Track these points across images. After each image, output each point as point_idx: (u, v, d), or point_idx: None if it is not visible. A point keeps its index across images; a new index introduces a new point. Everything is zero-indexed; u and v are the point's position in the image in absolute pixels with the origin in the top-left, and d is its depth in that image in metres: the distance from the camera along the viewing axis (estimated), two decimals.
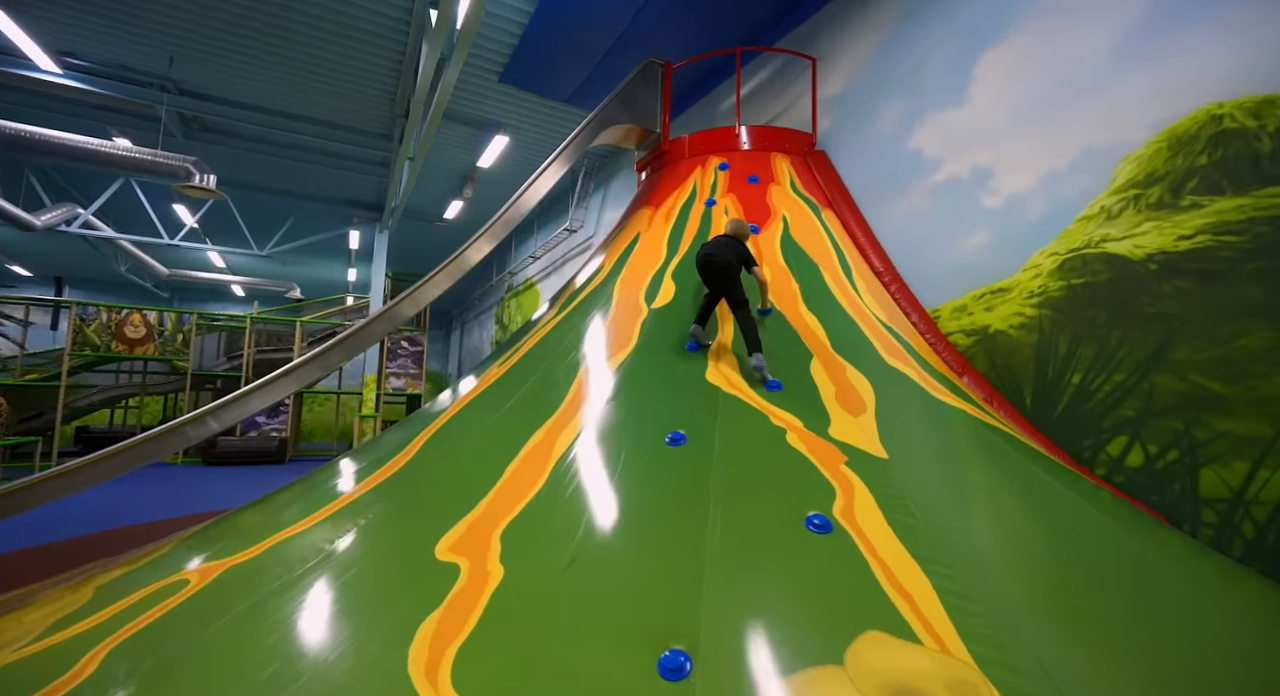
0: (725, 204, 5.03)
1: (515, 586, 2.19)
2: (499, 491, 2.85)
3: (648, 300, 4.32)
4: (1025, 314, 3.81)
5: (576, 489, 2.74)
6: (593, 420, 3.27)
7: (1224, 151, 3.02)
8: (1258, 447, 2.81)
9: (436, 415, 4.18)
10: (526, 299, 14.10)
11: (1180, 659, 1.90)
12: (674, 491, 2.62)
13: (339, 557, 2.65)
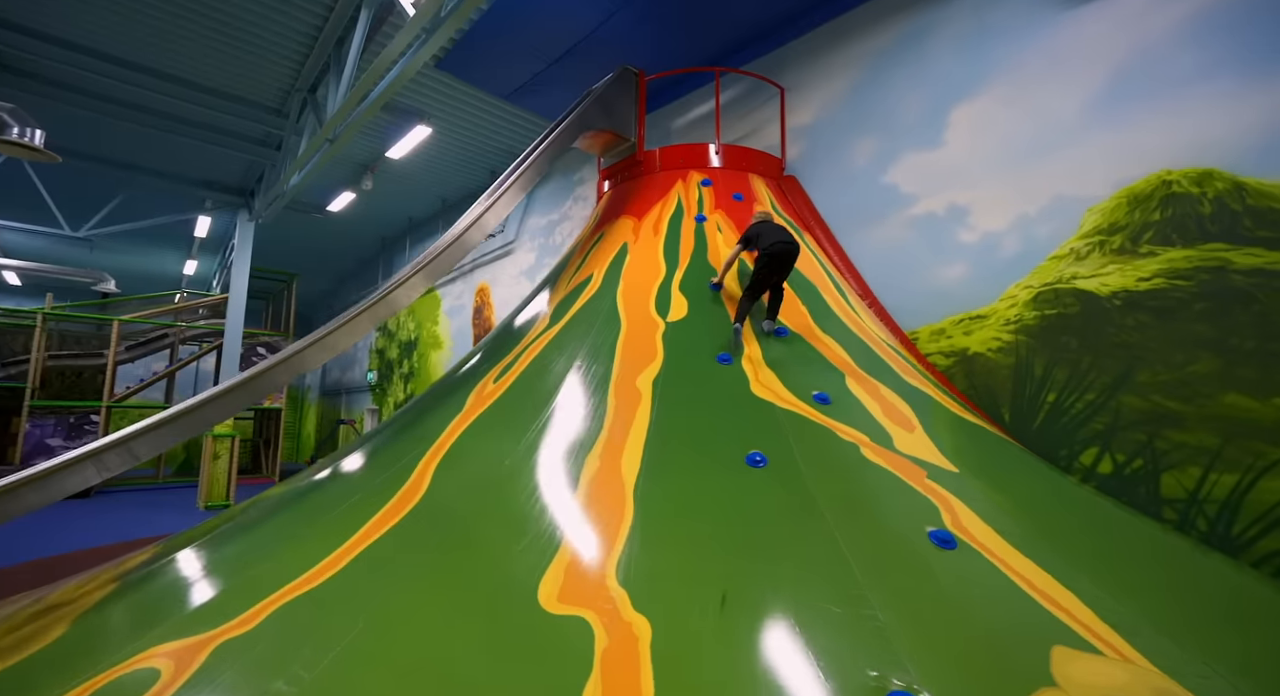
0: (716, 221, 5.04)
1: (674, 637, 1.94)
2: (581, 529, 2.52)
3: (660, 314, 4.17)
4: (1003, 339, 4.27)
5: (676, 518, 2.52)
6: (654, 441, 3.04)
7: (1173, 211, 3.66)
8: (1207, 456, 3.40)
9: (423, 437, 3.63)
10: (421, 304, 12.99)
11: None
12: (787, 515, 2.52)
13: (398, 619, 2.16)
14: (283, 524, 3.24)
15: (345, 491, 3.39)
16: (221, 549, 3.16)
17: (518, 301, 9.73)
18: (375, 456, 3.79)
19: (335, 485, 3.56)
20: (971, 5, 4.70)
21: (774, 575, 2.21)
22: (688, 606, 2.07)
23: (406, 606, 2.25)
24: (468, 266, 11.36)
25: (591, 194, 8.67)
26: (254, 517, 3.47)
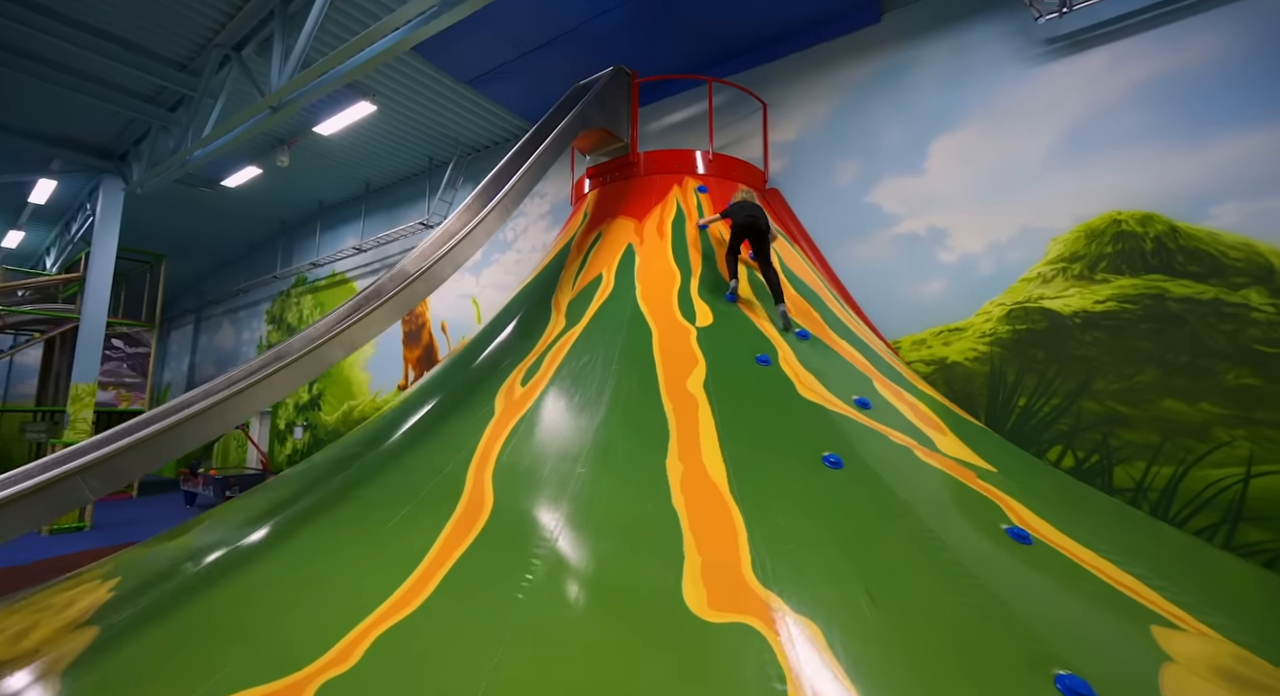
0: (719, 229, 5.15)
1: (848, 637, 1.99)
2: (698, 532, 2.49)
3: (688, 319, 4.19)
4: (979, 350, 4.80)
5: (785, 517, 2.57)
6: (728, 443, 3.06)
7: (1122, 245, 4.35)
8: (1150, 451, 4.08)
9: (459, 445, 3.35)
10: (331, 296, 11.84)
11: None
12: (883, 512, 2.66)
13: (546, 646, 2.01)
14: (320, 535, 2.84)
15: (384, 501, 3.03)
16: (254, 565, 2.70)
17: (460, 296, 9.26)
18: (400, 463, 3.43)
19: (364, 492, 3.18)
20: (951, 49, 5.24)
21: (899, 570, 2.34)
22: (842, 605, 2.13)
23: (546, 630, 2.08)
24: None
25: (550, 190, 8.44)
26: (273, 525, 3.01)
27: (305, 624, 2.23)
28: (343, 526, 2.90)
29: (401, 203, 10.58)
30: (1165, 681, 1.91)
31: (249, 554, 2.84)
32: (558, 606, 2.20)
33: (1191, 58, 4.25)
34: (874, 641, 2.00)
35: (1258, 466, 3.77)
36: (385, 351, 10.41)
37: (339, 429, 10.94)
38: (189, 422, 2.88)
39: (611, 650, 2.00)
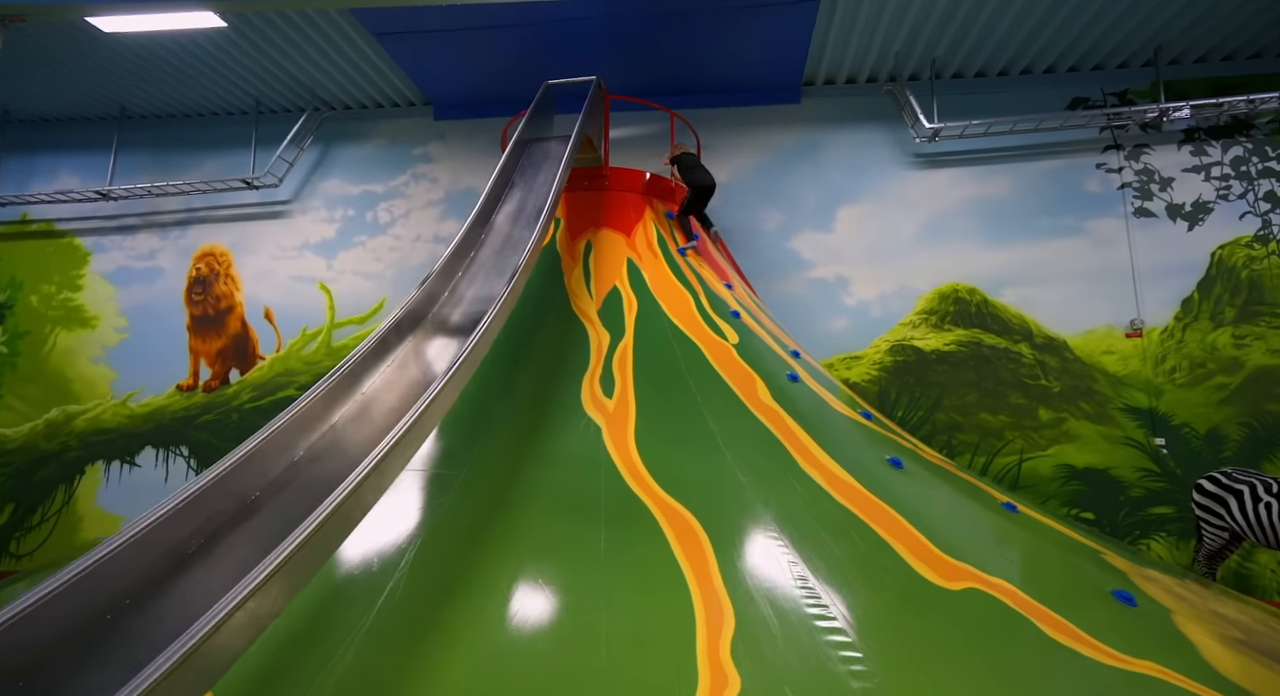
0: (692, 257, 5.66)
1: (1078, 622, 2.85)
2: (879, 520, 3.07)
3: (719, 336, 4.63)
4: (871, 373, 6.38)
5: (926, 512, 3.32)
6: (832, 452, 3.68)
7: (958, 307, 6.39)
8: (973, 448, 6.10)
9: (592, 461, 3.20)
10: (27, 257, 8.17)
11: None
12: (972, 500, 3.63)
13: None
14: (569, 577, 2.46)
15: (561, 526, 2.75)
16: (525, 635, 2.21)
17: (297, 279, 7.51)
18: (526, 482, 3.06)
19: (529, 520, 2.79)
20: (853, 141, 6.83)
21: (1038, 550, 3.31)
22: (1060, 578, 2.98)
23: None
24: (175, 216, 7.94)
25: (442, 175, 7.61)
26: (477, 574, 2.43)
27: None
28: (559, 557, 2.57)
29: (187, 146, 8.04)
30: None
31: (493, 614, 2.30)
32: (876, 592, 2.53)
33: (992, 190, 6.55)
34: (1092, 606, 2.90)
35: (1026, 454, 6.03)
36: (145, 338, 7.74)
37: (31, 446, 7.63)
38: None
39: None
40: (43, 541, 7.39)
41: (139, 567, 1.73)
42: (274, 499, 2.21)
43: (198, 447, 7.45)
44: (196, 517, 1.94)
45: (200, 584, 1.80)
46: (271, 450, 2.32)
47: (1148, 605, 3.00)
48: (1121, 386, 6.02)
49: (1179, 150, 6.27)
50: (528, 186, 4.76)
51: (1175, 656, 2.53)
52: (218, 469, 2.08)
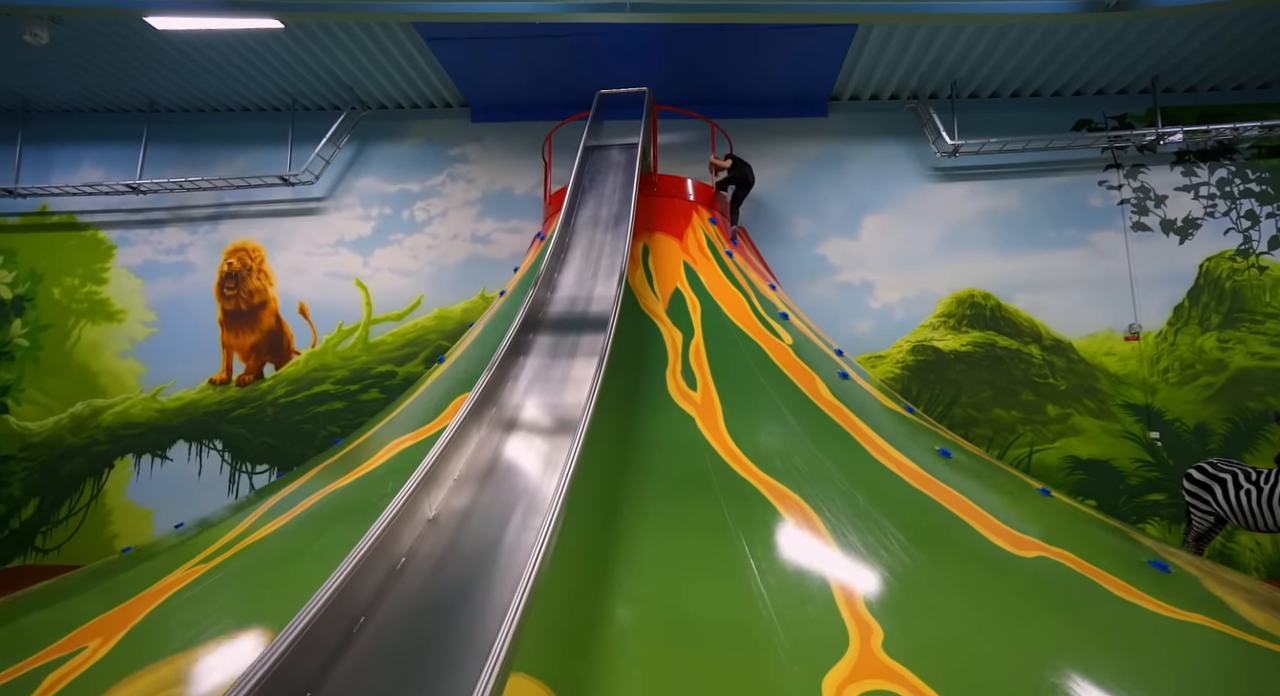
0: (739, 259, 6.01)
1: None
2: (940, 497, 3.46)
3: (776, 336, 4.99)
4: (894, 372, 6.83)
5: (992, 490, 3.73)
6: (896, 443, 4.06)
7: (974, 311, 6.88)
8: (987, 442, 6.60)
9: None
10: (37, 243, 8.06)
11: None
12: (1016, 487, 4.06)
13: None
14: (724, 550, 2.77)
15: (685, 507, 3.06)
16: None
17: (332, 275, 7.60)
18: (644, 463, 3.36)
19: (645, 503, 3.09)
20: (877, 154, 7.28)
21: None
22: (1106, 549, 3.40)
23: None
24: (204, 211, 7.96)
25: (479, 176, 7.80)
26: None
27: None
28: (693, 528, 2.88)
29: (218, 141, 8.05)
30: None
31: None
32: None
33: (1004, 203, 7.07)
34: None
35: (1036, 446, 6.55)
36: (176, 332, 7.74)
37: (56, 440, 7.58)
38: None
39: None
40: (71, 535, 7.35)
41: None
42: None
43: (232, 441, 7.50)
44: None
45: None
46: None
47: (1180, 573, 3.45)
48: (1121, 385, 6.60)
49: (1171, 170, 6.89)
50: (598, 192, 5.04)
51: (1216, 611, 2.97)
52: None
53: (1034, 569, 3.02)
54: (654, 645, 2.26)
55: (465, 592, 2.20)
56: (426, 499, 2.35)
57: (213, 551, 3.31)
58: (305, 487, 3.91)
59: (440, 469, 2.46)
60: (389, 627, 1.98)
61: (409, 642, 2.02)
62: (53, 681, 2.37)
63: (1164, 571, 3.36)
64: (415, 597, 2.10)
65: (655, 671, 2.16)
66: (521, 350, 3.14)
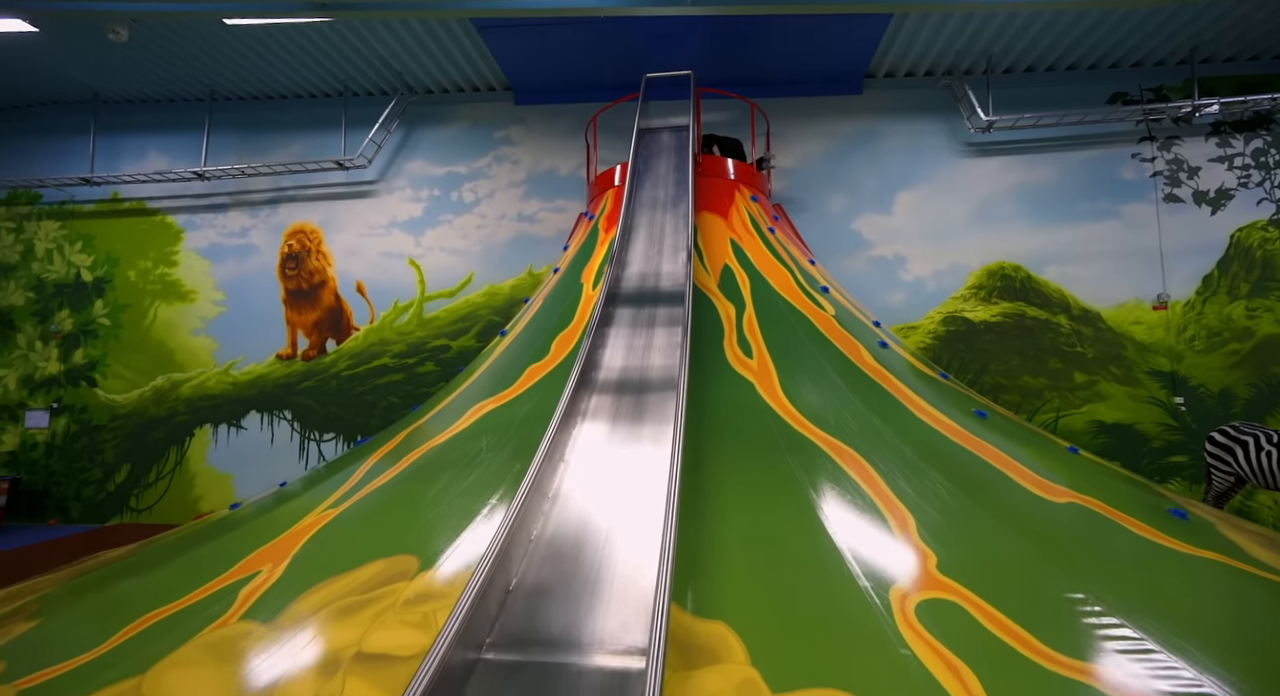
0: (780, 236, 6.32)
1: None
2: (976, 448, 3.84)
3: (820, 308, 5.34)
4: (926, 342, 7.14)
5: (1035, 446, 4.10)
6: (929, 403, 4.43)
7: (1004, 283, 7.14)
8: (1016, 407, 6.92)
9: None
10: (122, 233, 8.58)
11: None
12: (1047, 445, 4.41)
13: None
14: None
15: (751, 462, 3.48)
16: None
17: (387, 255, 8.04)
18: (710, 423, 3.76)
19: (724, 458, 3.51)
20: (910, 130, 7.46)
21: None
22: (1129, 498, 3.77)
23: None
24: (264, 195, 8.40)
25: (524, 158, 8.12)
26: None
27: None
28: (769, 476, 3.30)
29: (274, 127, 8.45)
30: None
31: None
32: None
33: (1037, 177, 7.25)
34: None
35: (1062, 412, 6.86)
36: (243, 311, 8.27)
37: (141, 411, 8.21)
38: None
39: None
40: (160, 497, 8.03)
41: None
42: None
43: (300, 411, 8.07)
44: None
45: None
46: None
47: (1198, 520, 3.81)
48: (1147, 352, 6.85)
49: (1206, 142, 7.00)
50: (653, 175, 5.37)
51: (1229, 550, 3.34)
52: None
53: (1065, 512, 3.40)
54: (745, 566, 2.69)
55: (606, 522, 2.66)
56: (564, 445, 2.81)
57: (337, 498, 3.81)
58: (402, 446, 4.40)
59: (568, 420, 2.93)
60: (557, 539, 2.44)
61: (573, 548, 2.52)
62: (247, 594, 2.89)
63: (1182, 518, 3.72)
64: (574, 520, 2.56)
65: (749, 586, 2.59)
66: (607, 322, 3.53)
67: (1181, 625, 2.54)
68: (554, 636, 2.16)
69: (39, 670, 2.66)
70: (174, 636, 2.69)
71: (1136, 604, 2.67)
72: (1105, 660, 2.30)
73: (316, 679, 2.29)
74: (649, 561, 2.35)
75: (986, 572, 2.73)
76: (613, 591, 2.27)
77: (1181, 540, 3.30)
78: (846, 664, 2.26)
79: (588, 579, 2.35)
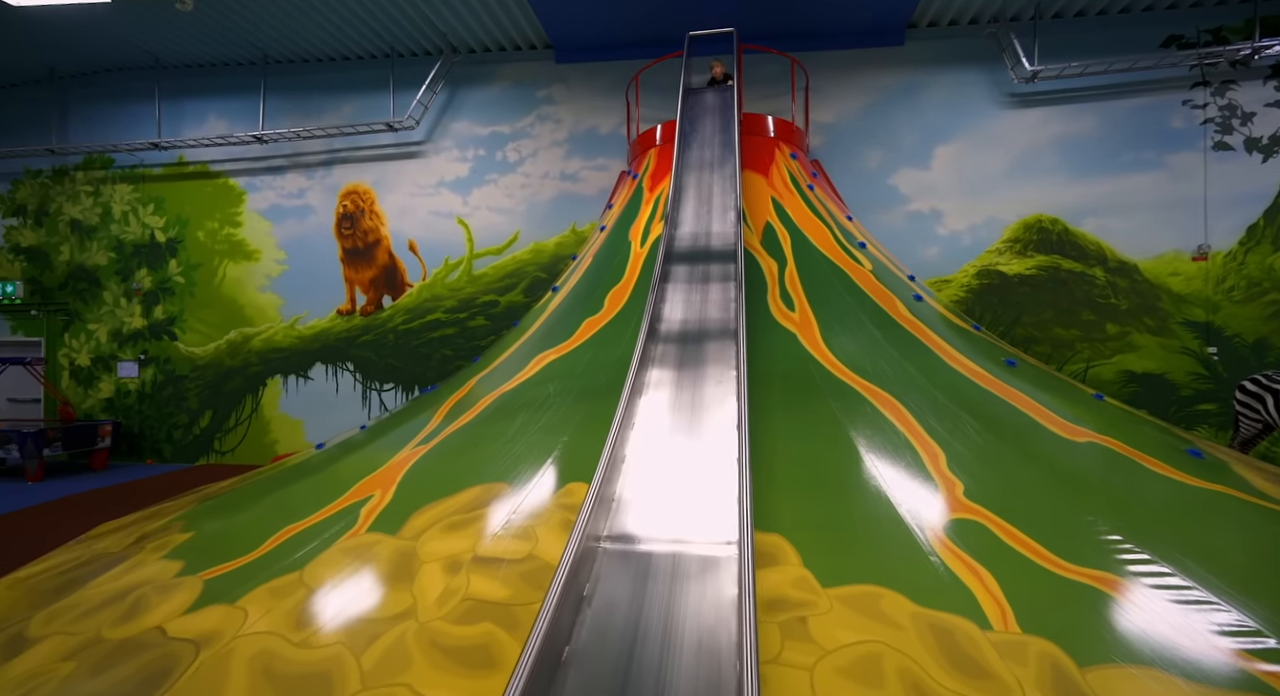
0: (819, 192, 6.48)
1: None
2: (1003, 392, 4.15)
3: (857, 262, 5.58)
4: (959, 295, 7.32)
5: (1060, 394, 4.39)
6: (960, 352, 4.71)
7: (1040, 236, 7.21)
8: (1046, 357, 7.12)
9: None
10: (187, 195, 9.09)
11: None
12: (1073, 392, 4.69)
13: None
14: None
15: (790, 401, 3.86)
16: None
17: (436, 214, 8.42)
18: (756, 369, 4.14)
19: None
20: (951, 82, 7.40)
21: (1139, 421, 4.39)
22: (1149, 439, 4.07)
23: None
24: (318, 157, 8.77)
25: (566, 116, 8.29)
26: None
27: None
28: (813, 417, 3.69)
29: (325, 90, 8.73)
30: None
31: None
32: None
33: (1080, 128, 7.18)
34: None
35: (1092, 362, 7.05)
36: (304, 269, 8.80)
37: (218, 363, 8.92)
38: None
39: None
40: (240, 440, 8.83)
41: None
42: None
43: (361, 363, 8.68)
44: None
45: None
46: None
47: (1212, 459, 4.10)
48: (1183, 304, 6.93)
49: (1265, 85, 6.81)
50: (700, 136, 5.57)
51: (1237, 484, 3.65)
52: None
53: (1084, 450, 3.73)
54: (794, 489, 3.12)
55: (686, 449, 3.11)
56: (641, 383, 3.25)
57: (425, 435, 4.34)
58: (474, 392, 4.89)
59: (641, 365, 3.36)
60: (647, 462, 2.90)
61: (661, 469, 3.01)
62: (367, 512, 3.44)
63: (1198, 458, 4.02)
64: (659, 448, 3.01)
65: (798, 505, 3.03)
66: (665, 278, 3.88)
67: (1184, 545, 2.90)
68: (653, 535, 2.65)
69: (210, 568, 3.26)
70: (316, 544, 3.26)
71: (1144, 526, 3.03)
72: (1110, 568, 2.68)
73: (444, 575, 2.82)
74: (725, 478, 2.80)
75: (1008, 499, 3.11)
76: (697, 501, 2.73)
77: (1194, 474, 3.62)
78: (883, 567, 2.69)
79: (676, 493, 2.80)
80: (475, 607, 2.58)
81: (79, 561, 3.90)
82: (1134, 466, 3.61)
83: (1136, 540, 2.87)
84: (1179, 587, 2.57)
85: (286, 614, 2.72)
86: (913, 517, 2.94)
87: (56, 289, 9.29)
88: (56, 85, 9.17)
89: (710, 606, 2.18)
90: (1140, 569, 2.70)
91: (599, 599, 2.16)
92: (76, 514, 5.68)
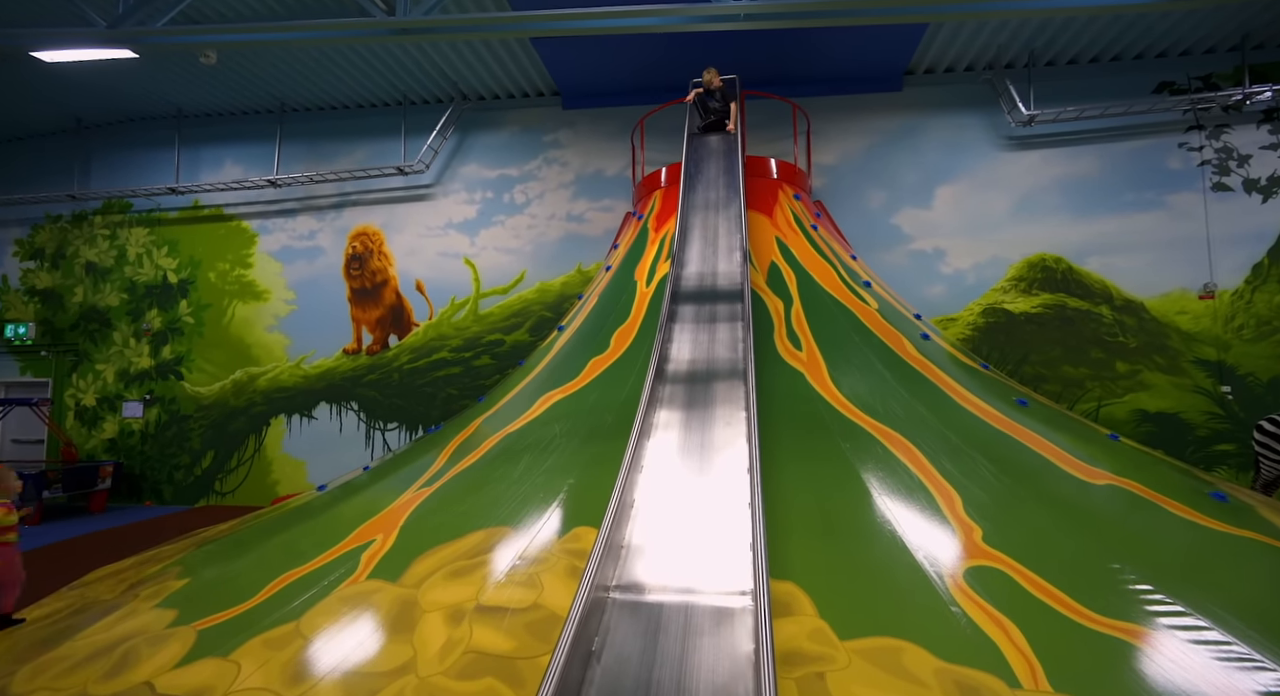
0: (823, 232, 6.55)
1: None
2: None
3: (863, 302, 5.58)
4: (965, 334, 7.30)
5: (1074, 431, 4.31)
6: (971, 392, 4.66)
7: (1045, 274, 7.23)
8: (1056, 396, 7.03)
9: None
10: (198, 237, 9.27)
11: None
12: (1089, 434, 4.61)
13: None
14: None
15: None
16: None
17: (444, 255, 8.53)
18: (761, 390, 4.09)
19: None
20: (951, 125, 7.58)
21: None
22: (1170, 482, 3.97)
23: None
24: (329, 199, 8.97)
25: (572, 160, 8.50)
26: None
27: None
28: (824, 458, 3.62)
29: (338, 136, 8.99)
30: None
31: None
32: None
33: (1080, 169, 7.30)
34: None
35: (1104, 401, 6.96)
36: (312, 309, 8.87)
37: (222, 402, 8.90)
38: None
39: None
40: (242, 481, 8.73)
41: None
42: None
43: (365, 403, 8.65)
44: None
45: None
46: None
47: (1237, 502, 3.98)
48: (1193, 342, 6.88)
49: (1258, 129, 6.95)
50: (705, 178, 5.67)
51: (1265, 530, 3.53)
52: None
53: (1103, 493, 3.63)
54: (807, 535, 3.03)
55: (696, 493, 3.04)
56: (649, 425, 3.20)
57: (429, 477, 4.27)
58: (480, 432, 4.84)
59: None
60: (655, 504, 2.83)
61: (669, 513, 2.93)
62: (368, 557, 3.35)
63: (1222, 501, 3.90)
64: (667, 492, 2.94)
65: (812, 552, 2.93)
66: (673, 318, 3.88)
67: (1217, 595, 2.78)
68: (664, 584, 2.56)
69: (204, 617, 3.16)
70: (315, 592, 3.16)
71: (1172, 574, 2.91)
72: (1141, 621, 2.56)
73: (446, 625, 2.72)
74: (736, 522, 2.72)
75: (1029, 545, 3.00)
76: (709, 547, 2.65)
77: (1219, 519, 3.50)
78: (902, 618, 2.58)
79: (687, 539, 2.72)
80: (477, 661, 2.48)
81: (71, 609, 3.80)
82: (1156, 510, 3.50)
83: (1166, 589, 2.76)
84: (1218, 643, 2.45)
85: (281, 667, 2.61)
86: (931, 564, 2.83)
87: (67, 329, 9.38)
88: (82, 134, 9.49)
89: (725, 661, 2.08)
90: (1173, 621, 2.58)
91: (609, 654, 2.06)
92: (69, 563, 5.54)
